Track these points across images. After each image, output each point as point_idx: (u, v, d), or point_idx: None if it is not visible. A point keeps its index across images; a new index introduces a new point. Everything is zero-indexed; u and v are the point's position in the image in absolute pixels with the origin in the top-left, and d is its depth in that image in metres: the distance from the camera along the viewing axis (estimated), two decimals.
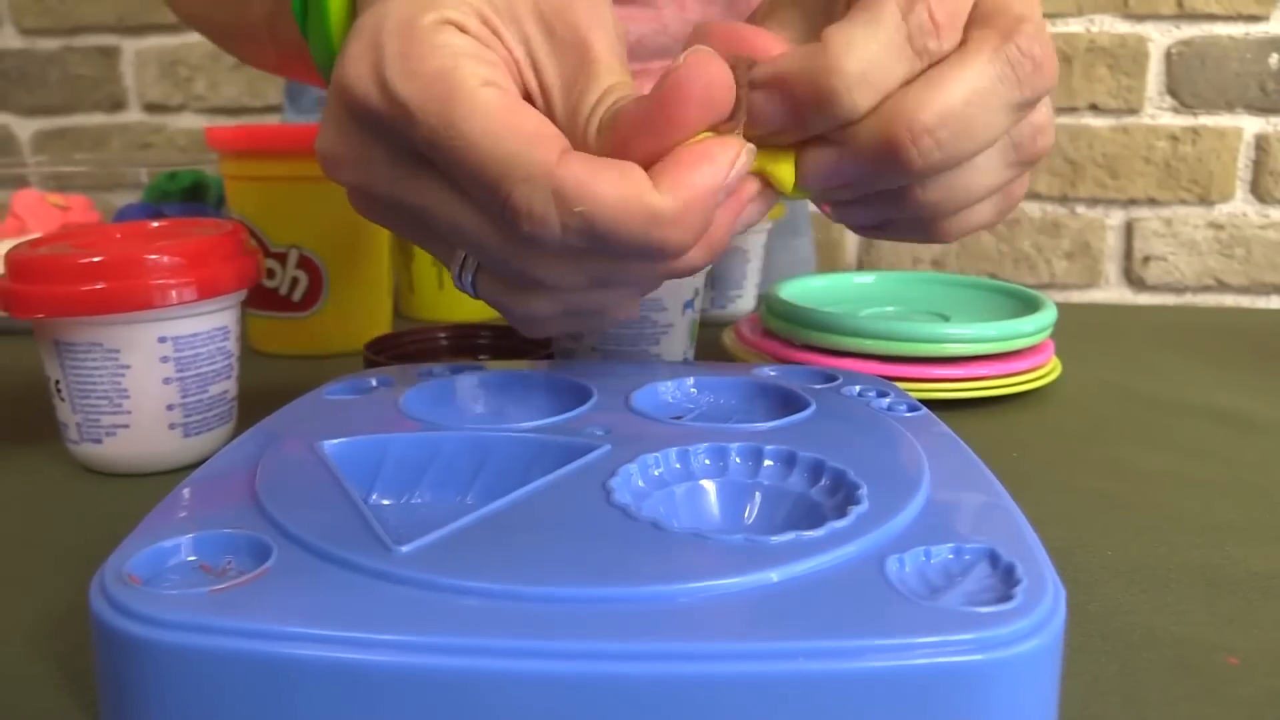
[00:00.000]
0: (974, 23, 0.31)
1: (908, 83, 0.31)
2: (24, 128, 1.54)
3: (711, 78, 0.29)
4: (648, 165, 0.29)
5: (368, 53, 0.30)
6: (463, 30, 0.31)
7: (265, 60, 0.57)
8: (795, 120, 0.31)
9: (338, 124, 0.32)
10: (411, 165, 0.31)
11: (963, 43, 0.31)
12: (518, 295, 0.33)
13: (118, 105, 1.53)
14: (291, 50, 0.45)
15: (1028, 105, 0.32)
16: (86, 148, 1.54)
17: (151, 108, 1.53)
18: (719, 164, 0.29)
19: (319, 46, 0.39)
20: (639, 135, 0.29)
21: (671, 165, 0.29)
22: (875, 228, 0.36)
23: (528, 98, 0.32)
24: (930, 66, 0.31)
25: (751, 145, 0.30)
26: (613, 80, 0.32)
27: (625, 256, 0.30)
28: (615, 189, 0.28)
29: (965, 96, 0.30)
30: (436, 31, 0.30)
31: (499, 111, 0.29)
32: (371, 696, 0.22)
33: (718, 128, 0.30)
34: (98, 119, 1.53)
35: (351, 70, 0.30)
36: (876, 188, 0.33)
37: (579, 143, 0.31)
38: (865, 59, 0.30)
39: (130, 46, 1.50)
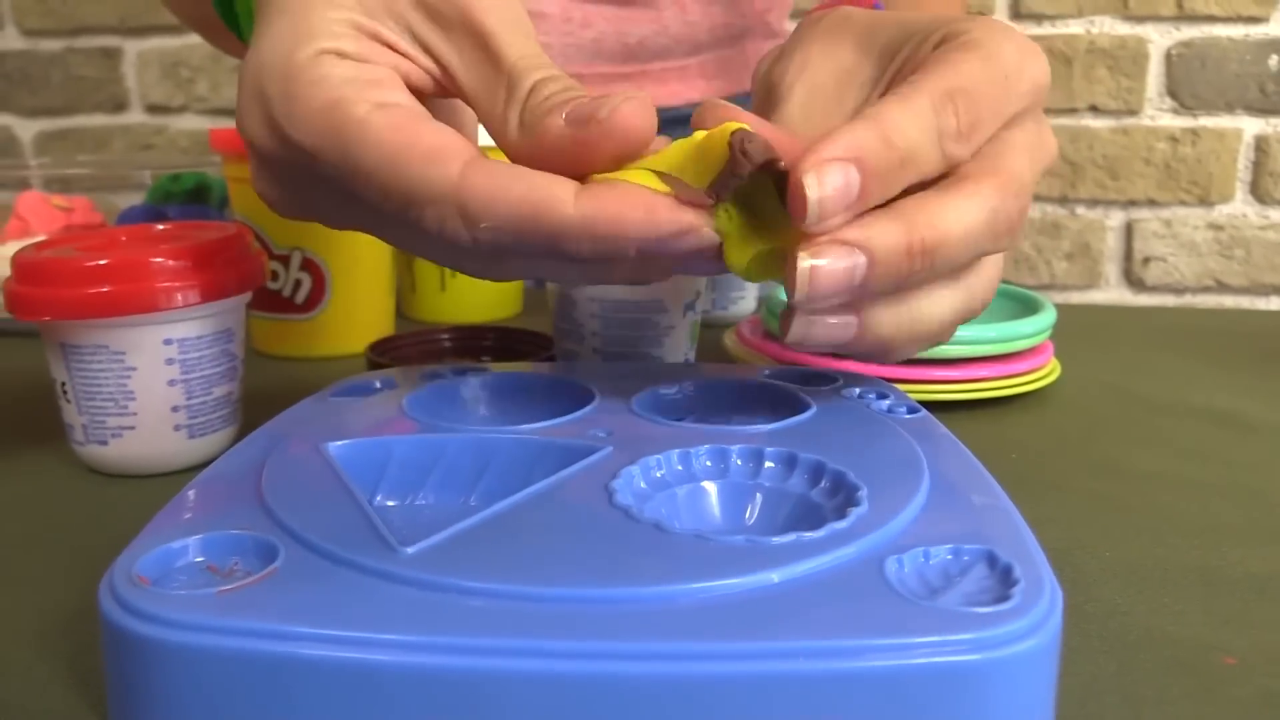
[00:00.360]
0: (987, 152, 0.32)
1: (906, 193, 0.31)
2: (26, 129, 1.55)
3: (635, 133, 0.29)
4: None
5: (255, 101, 0.31)
6: (341, 56, 0.31)
7: (239, 49, 0.57)
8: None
9: (258, 170, 0.33)
10: (336, 194, 0.31)
11: (967, 175, 0.31)
12: (496, 272, 0.33)
13: (119, 106, 1.53)
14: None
15: (985, 254, 0.32)
16: (88, 149, 1.54)
17: (153, 109, 1.53)
18: (654, 224, 0.28)
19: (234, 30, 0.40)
20: (558, 159, 0.29)
21: (604, 192, 0.28)
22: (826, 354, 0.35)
23: (437, 87, 0.32)
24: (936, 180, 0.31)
25: (713, 234, 0.29)
26: (514, 58, 0.31)
27: (543, 259, 0.30)
28: (518, 206, 0.28)
29: (963, 230, 0.30)
30: (314, 65, 0.30)
31: (391, 136, 0.29)
32: (378, 696, 0.22)
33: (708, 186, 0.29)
34: (99, 120, 1.54)
35: (246, 121, 0.31)
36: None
37: (500, 134, 0.31)
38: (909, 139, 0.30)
39: (132, 48, 1.51)
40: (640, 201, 0.28)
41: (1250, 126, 1.33)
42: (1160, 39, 1.32)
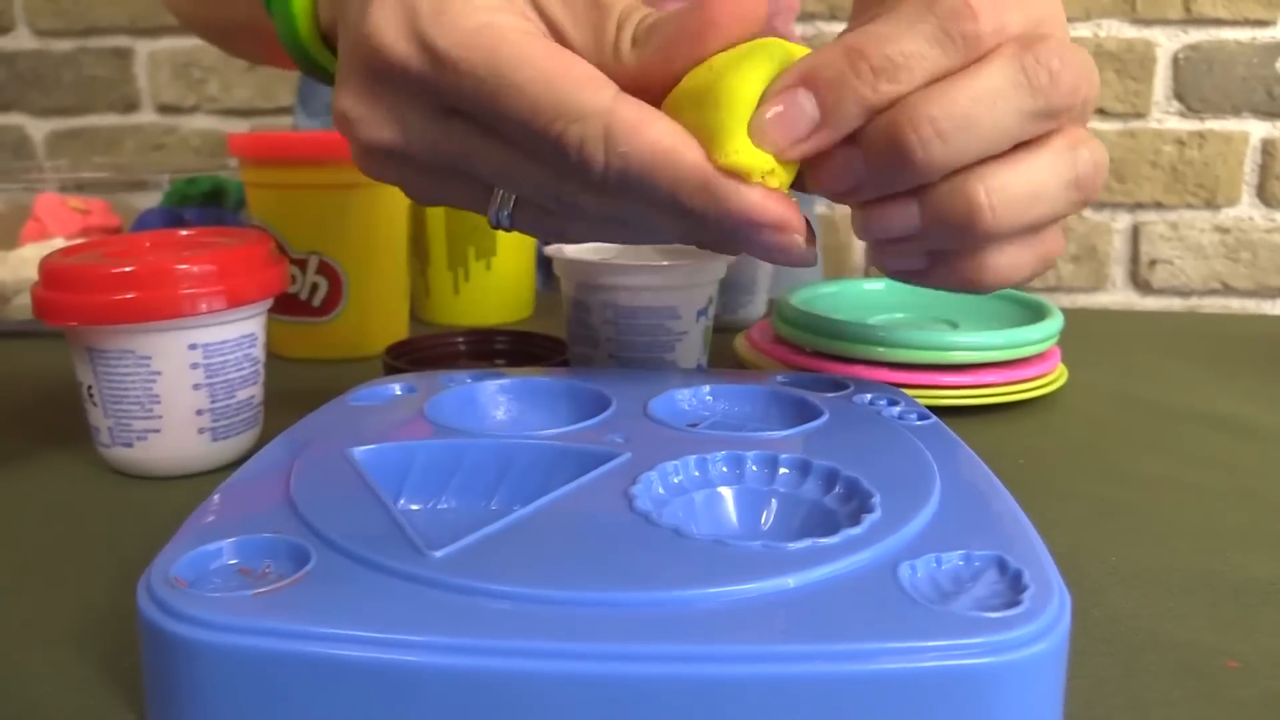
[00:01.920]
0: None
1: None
2: (38, 128, 1.56)
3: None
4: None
5: (399, 12, 0.31)
6: None
7: (254, 53, 0.58)
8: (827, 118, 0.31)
9: (362, 85, 0.33)
10: (447, 120, 0.32)
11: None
12: (553, 222, 0.35)
13: (131, 106, 1.54)
14: (275, 40, 0.46)
15: (1045, 116, 0.31)
16: (100, 149, 1.55)
17: (165, 109, 1.54)
18: (770, 204, 0.30)
19: (281, 21, 0.41)
20: (681, 45, 0.31)
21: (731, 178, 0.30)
22: (918, 272, 0.35)
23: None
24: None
25: (801, 241, 0.31)
26: (623, 5, 0.33)
27: (652, 203, 0.31)
28: (659, 140, 0.30)
29: (973, 95, 0.30)
30: None
31: (546, 58, 0.30)
32: (408, 695, 0.23)
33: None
34: (111, 120, 1.55)
35: (382, 30, 0.31)
36: (885, 188, 0.32)
37: (612, 67, 0.32)
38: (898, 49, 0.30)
39: (144, 48, 1.52)
40: (758, 194, 0.30)
41: (1257, 129, 1.33)
42: (1167, 42, 1.33)
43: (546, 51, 0.30)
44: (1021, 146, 0.31)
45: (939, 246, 0.33)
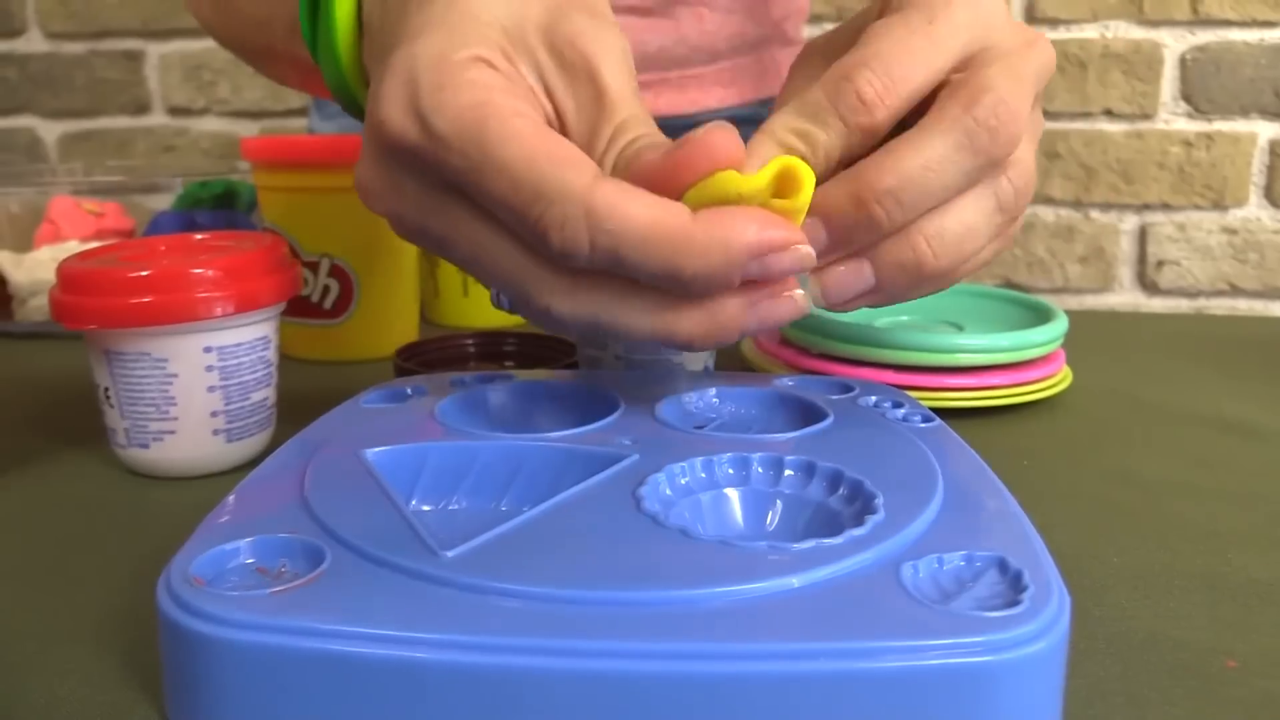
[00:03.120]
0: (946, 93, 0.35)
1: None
2: (50, 130, 1.57)
3: (723, 153, 0.31)
4: None
5: (402, 89, 0.32)
6: (492, 66, 0.32)
7: (287, 78, 0.59)
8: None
9: (373, 158, 0.34)
10: (442, 196, 0.33)
11: (930, 113, 0.35)
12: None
13: (142, 108, 1.55)
14: (312, 72, 0.47)
15: (989, 167, 0.35)
16: (111, 151, 1.56)
17: (175, 111, 1.55)
18: (767, 232, 0.30)
19: (329, 70, 0.42)
20: (653, 182, 0.31)
21: (720, 209, 0.31)
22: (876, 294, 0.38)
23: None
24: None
25: (811, 251, 0.32)
26: (625, 114, 0.33)
27: (645, 277, 0.31)
28: (647, 210, 0.30)
29: (922, 163, 0.34)
30: (467, 67, 0.32)
31: (531, 138, 0.30)
32: (421, 692, 0.24)
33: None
34: (122, 122, 1.56)
35: (387, 107, 0.32)
36: (839, 252, 0.36)
37: (596, 162, 0.33)
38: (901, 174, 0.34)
39: (155, 50, 1.53)
40: (752, 215, 0.30)
41: (1265, 130, 1.33)
42: (1175, 43, 1.33)
43: (533, 131, 0.31)
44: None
45: (889, 291, 0.37)
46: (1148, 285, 1.39)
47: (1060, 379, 0.54)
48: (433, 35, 0.33)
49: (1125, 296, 1.40)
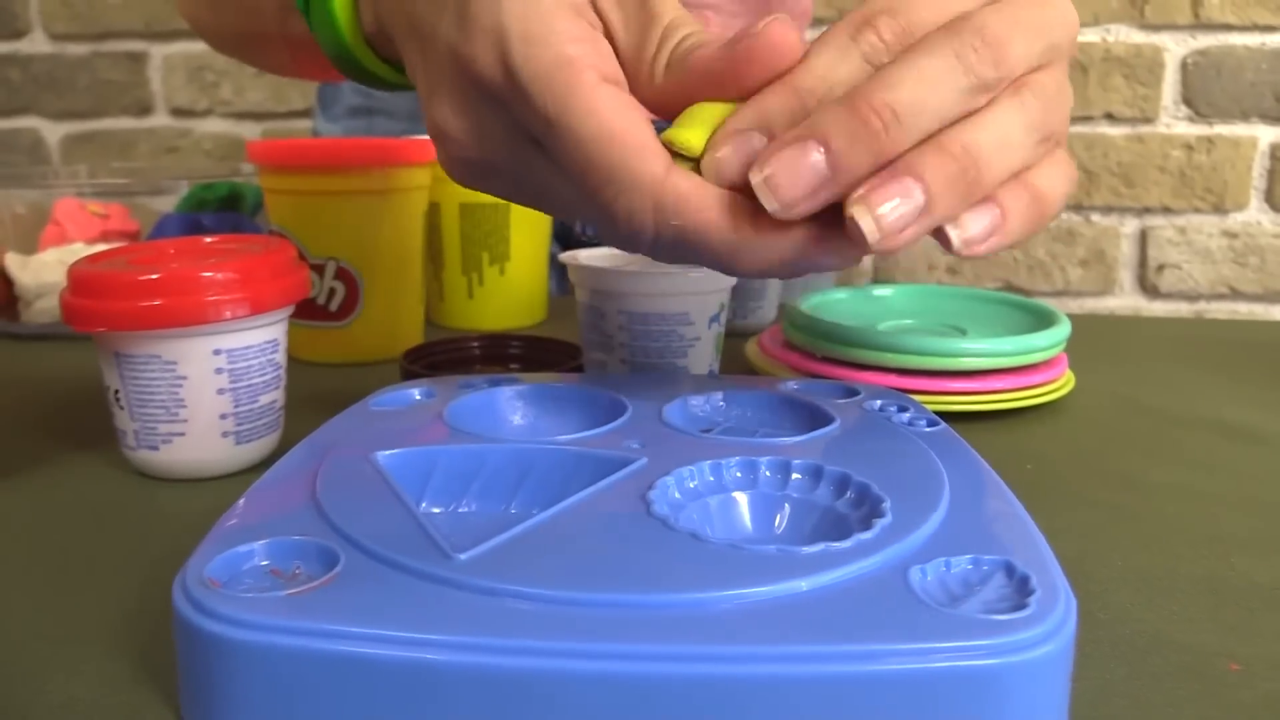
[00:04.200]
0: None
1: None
2: (53, 131, 1.57)
3: (784, 47, 0.31)
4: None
5: (491, 33, 0.32)
6: (578, 13, 0.33)
7: (279, 63, 0.59)
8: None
9: (455, 100, 0.35)
10: (527, 142, 0.34)
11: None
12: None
13: (145, 110, 1.55)
14: (304, 48, 0.47)
15: (988, 88, 0.31)
16: (114, 152, 1.57)
17: (178, 112, 1.55)
18: (817, 247, 0.31)
19: (326, 35, 0.42)
20: (705, 85, 0.32)
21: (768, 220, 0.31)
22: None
23: None
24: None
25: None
26: (672, 14, 0.34)
27: (708, 260, 0.32)
28: (711, 210, 0.31)
29: (915, 76, 0.30)
30: (555, 15, 0.32)
31: (611, 116, 0.31)
32: (435, 693, 0.24)
33: None
34: (126, 123, 1.56)
35: (474, 49, 0.33)
36: (862, 166, 0.31)
37: (644, 79, 0.33)
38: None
39: (158, 52, 1.53)
40: (800, 233, 0.31)
41: (1265, 135, 1.33)
42: (1176, 47, 1.33)
43: (615, 107, 0.31)
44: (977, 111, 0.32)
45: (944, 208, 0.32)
46: (1148, 288, 1.39)
47: (1063, 383, 0.55)
48: None
49: (1125, 300, 1.40)
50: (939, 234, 0.32)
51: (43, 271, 0.70)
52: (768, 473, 0.33)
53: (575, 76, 0.31)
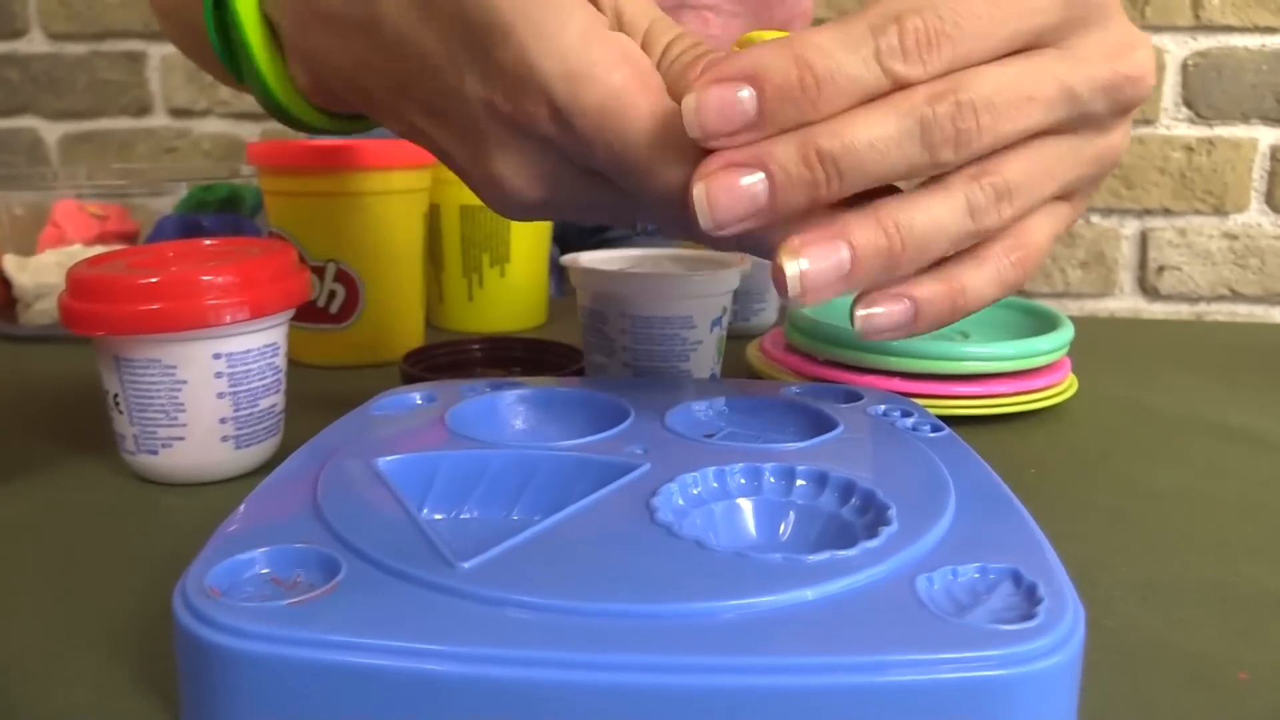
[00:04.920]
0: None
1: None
2: (51, 131, 1.57)
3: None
4: None
5: (529, 79, 0.31)
6: (605, 29, 0.32)
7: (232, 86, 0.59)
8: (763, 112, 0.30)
9: (508, 150, 0.34)
10: (585, 172, 0.34)
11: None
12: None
13: (144, 110, 1.55)
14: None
15: (940, 166, 0.30)
16: (113, 152, 1.56)
17: (177, 112, 1.55)
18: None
19: (255, 86, 0.42)
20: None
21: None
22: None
23: None
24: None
25: None
26: (646, 22, 0.35)
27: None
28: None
29: (868, 140, 0.29)
30: (590, 43, 0.31)
31: (672, 135, 0.31)
32: (438, 704, 0.23)
33: None
34: (124, 123, 1.56)
35: (517, 97, 0.32)
36: (795, 207, 0.31)
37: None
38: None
39: (156, 52, 1.53)
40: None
41: (1266, 136, 1.33)
42: (1177, 49, 1.33)
43: (670, 126, 0.31)
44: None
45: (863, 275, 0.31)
46: (1148, 290, 1.39)
47: (1066, 387, 0.55)
48: (532, 10, 0.32)
49: (1126, 301, 1.40)
50: (851, 313, 0.32)
51: (41, 273, 0.70)
52: (772, 479, 0.33)
53: (629, 109, 0.31)
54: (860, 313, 0.32)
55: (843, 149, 0.29)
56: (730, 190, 0.30)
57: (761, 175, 0.30)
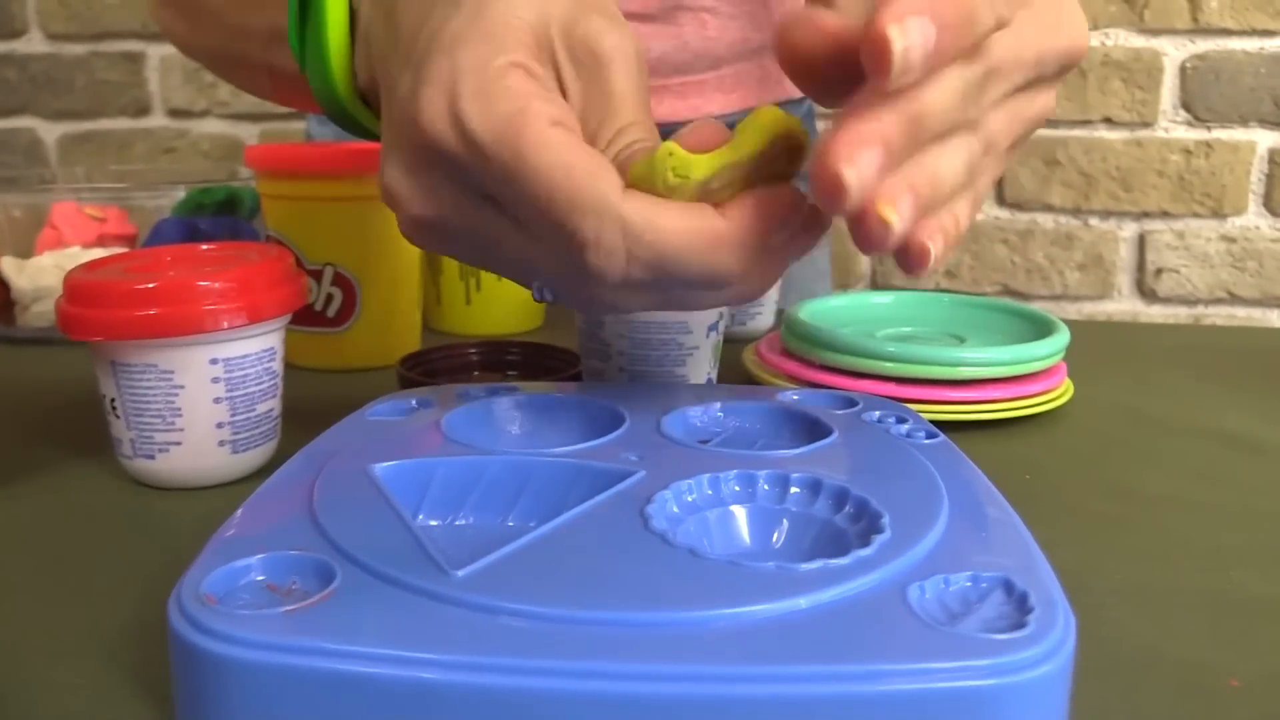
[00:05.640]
0: None
1: None
2: (50, 132, 1.57)
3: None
4: None
5: (442, 95, 0.32)
6: (529, 73, 0.33)
7: (258, 86, 0.59)
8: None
9: (405, 163, 0.34)
10: (480, 201, 0.34)
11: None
12: (585, 305, 0.36)
13: (142, 110, 1.55)
14: (290, 81, 0.47)
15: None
16: (111, 152, 1.56)
17: (175, 113, 1.55)
18: (786, 206, 0.32)
19: (318, 81, 0.42)
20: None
21: (744, 199, 0.32)
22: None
23: None
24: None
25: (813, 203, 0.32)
26: (628, 119, 0.34)
27: (686, 285, 0.32)
28: (680, 218, 0.31)
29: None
30: (506, 74, 0.32)
31: (565, 148, 0.31)
32: (432, 712, 0.24)
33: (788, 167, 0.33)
34: (123, 124, 1.56)
35: (427, 111, 0.32)
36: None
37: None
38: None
39: (155, 52, 1.53)
40: (781, 199, 0.32)
41: (1264, 139, 1.33)
42: (1175, 52, 1.33)
43: (567, 142, 0.31)
44: None
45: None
46: (1146, 293, 1.39)
47: (1062, 392, 0.55)
48: (470, 42, 0.33)
49: (1124, 304, 1.40)
50: (915, 251, 0.32)
51: (39, 275, 0.70)
52: (766, 486, 0.33)
53: (526, 122, 0.31)
54: (918, 239, 0.32)
55: (924, 112, 0.30)
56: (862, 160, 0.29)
57: (881, 149, 0.30)
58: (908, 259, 0.33)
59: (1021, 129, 0.35)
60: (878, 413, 0.41)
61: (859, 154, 0.29)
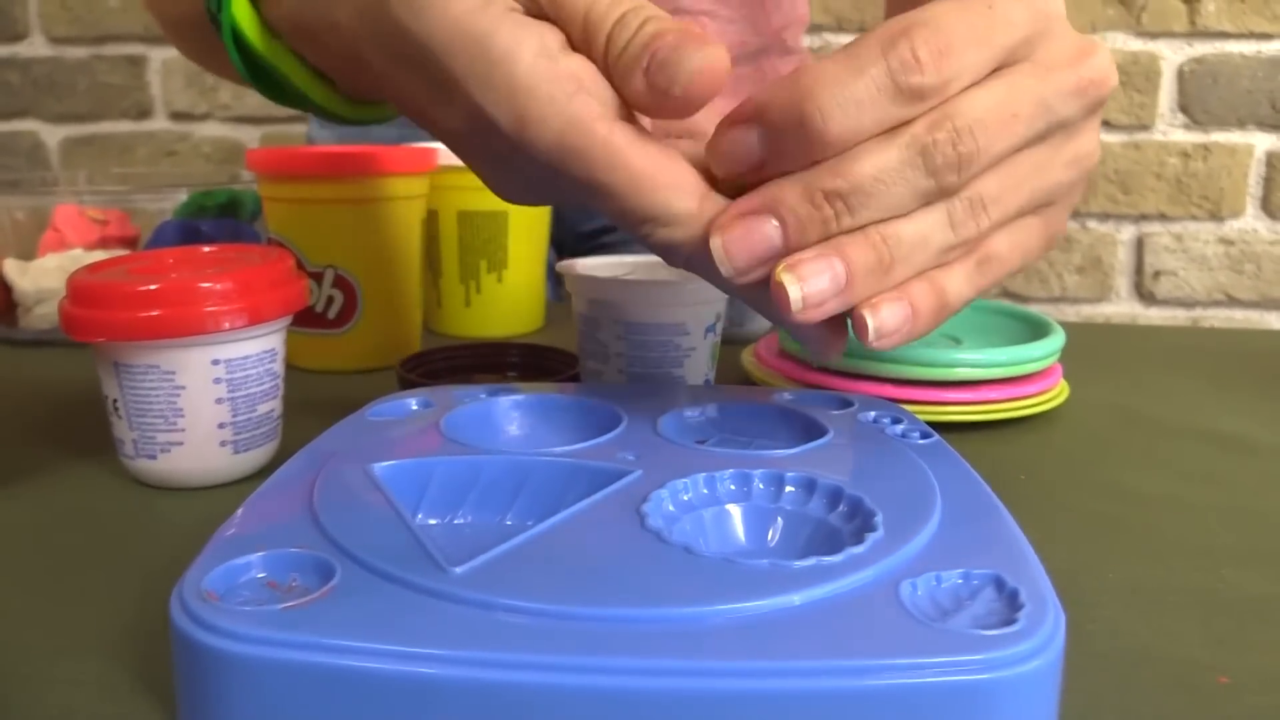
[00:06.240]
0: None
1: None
2: (52, 135, 1.58)
3: (711, 92, 0.33)
4: None
5: (493, 121, 0.33)
6: (549, 55, 0.32)
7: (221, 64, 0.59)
8: (772, 150, 0.32)
9: (492, 166, 0.37)
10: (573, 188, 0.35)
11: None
12: None
13: (144, 113, 1.56)
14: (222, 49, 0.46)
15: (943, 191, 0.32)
16: (113, 155, 1.57)
17: (177, 116, 1.56)
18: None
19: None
20: (649, 109, 0.33)
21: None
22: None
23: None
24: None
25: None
26: (585, 5, 0.34)
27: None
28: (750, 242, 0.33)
29: (873, 173, 0.31)
30: (538, 81, 0.32)
31: (636, 160, 0.32)
32: (430, 708, 0.24)
33: None
34: (125, 127, 1.56)
35: (486, 136, 0.34)
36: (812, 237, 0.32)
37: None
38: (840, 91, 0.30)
39: (157, 55, 1.53)
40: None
41: (1261, 142, 1.34)
42: (1173, 55, 1.34)
43: (634, 151, 0.32)
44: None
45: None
46: (1144, 295, 1.40)
47: (1057, 393, 0.55)
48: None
49: (1122, 306, 1.40)
50: (857, 323, 0.33)
51: (42, 277, 0.70)
52: (761, 485, 0.34)
53: (588, 136, 0.32)
54: (864, 313, 0.33)
55: (849, 186, 0.31)
56: (746, 239, 0.32)
57: (775, 220, 0.32)
58: (854, 329, 0.33)
59: (1050, 180, 0.34)
60: (873, 413, 0.42)
61: (733, 224, 0.32)
